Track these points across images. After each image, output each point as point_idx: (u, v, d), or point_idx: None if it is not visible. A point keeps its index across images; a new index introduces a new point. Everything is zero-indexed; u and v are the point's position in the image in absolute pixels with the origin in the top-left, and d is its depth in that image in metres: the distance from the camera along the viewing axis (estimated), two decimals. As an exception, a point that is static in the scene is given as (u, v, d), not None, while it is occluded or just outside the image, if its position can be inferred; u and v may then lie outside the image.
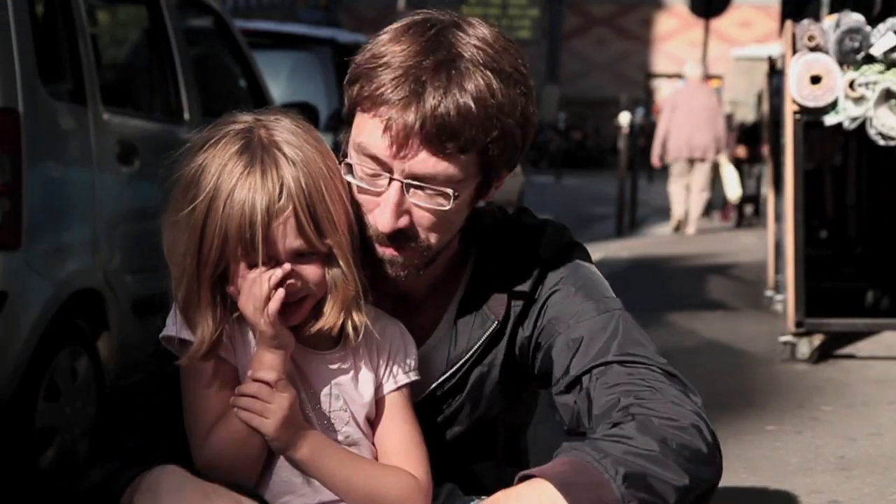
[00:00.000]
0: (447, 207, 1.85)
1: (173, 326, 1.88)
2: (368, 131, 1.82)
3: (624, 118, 14.57)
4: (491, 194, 1.94)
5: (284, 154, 1.79)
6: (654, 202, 17.50)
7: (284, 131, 1.82)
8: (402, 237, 1.86)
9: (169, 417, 1.90)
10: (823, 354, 5.90)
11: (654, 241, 13.26)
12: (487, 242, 2.00)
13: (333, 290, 1.83)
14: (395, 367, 1.92)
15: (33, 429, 4.07)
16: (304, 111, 1.92)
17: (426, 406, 1.99)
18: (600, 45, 35.55)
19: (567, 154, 28.70)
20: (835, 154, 8.88)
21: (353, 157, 1.86)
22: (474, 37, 1.84)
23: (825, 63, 5.63)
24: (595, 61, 35.22)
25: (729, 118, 16.87)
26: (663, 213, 16.21)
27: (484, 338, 1.98)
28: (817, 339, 5.90)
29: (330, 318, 1.83)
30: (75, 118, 4.47)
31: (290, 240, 1.78)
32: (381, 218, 1.84)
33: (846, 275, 8.10)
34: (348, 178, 1.86)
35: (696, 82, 13.72)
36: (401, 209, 1.84)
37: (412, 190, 1.83)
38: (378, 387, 1.91)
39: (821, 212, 9.16)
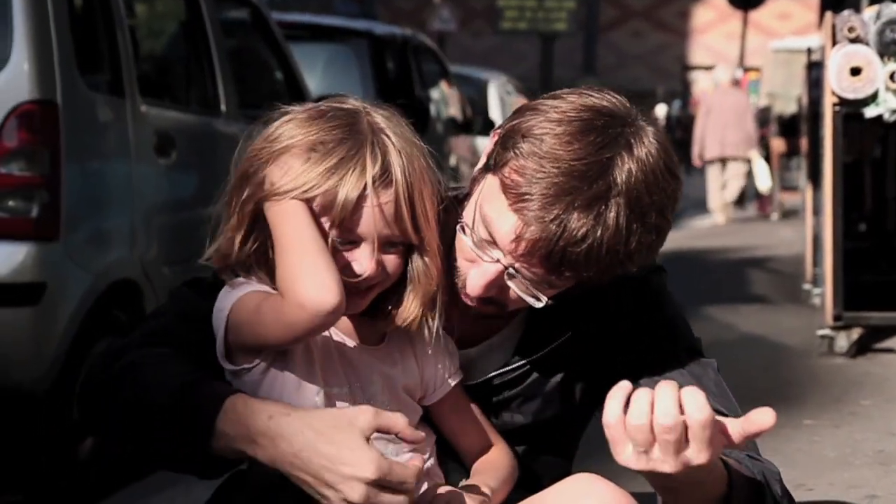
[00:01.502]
0: (538, 305, 1.86)
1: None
2: (498, 215, 1.79)
3: (660, 110, 14.55)
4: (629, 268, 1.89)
5: (392, 143, 1.78)
6: (691, 195, 17.40)
7: (391, 123, 1.82)
8: (488, 301, 1.87)
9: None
10: (862, 348, 5.86)
11: (690, 234, 13.21)
12: None
13: (416, 284, 1.82)
14: (442, 367, 1.92)
15: (72, 419, 4.10)
16: (408, 110, 1.92)
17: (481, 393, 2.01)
18: (637, 38, 35.40)
19: (604, 147, 28.59)
20: (874, 146, 8.81)
21: (471, 218, 1.84)
22: (638, 163, 1.77)
23: (865, 54, 5.58)
24: (632, 53, 35.07)
25: (766, 110, 16.81)
26: (700, 205, 16.13)
27: (550, 347, 1.99)
28: (855, 333, 5.86)
29: (411, 309, 1.82)
30: (113, 110, 4.49)
31: (384, 226, 1.76)
32: (473, 283, 1.85)
33: (885, 268, 8.03)
34: (461, 235, 1.85)
35: (726, 86, 15.16)
36: (495, 286, 1.85)
37: (513, 278, 1.83)
38: (427, 387, 1.91)
39: (860, 205, 9.09)
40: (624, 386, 1.57)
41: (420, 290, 1.82)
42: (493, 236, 1.81)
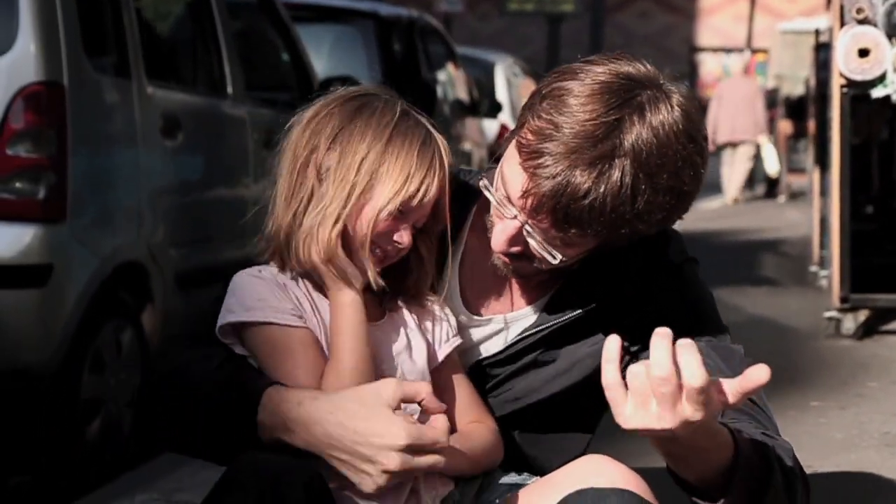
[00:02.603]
0: (555, 262, 1.89)
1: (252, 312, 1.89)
2: (512, 173, 1.86)
3: (668, 92, 14.54)
4: (641, 231, 1.91)
5: (436, 137, 1.90)
6: (697, 177, 17.38)
7: (426, 117, 1.92)
8: (515, 256, 1.93)
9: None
10: (868, 330, 5.86)
11: (697, 217, 13.21)
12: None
13: (425, 255, 1.93)
14: (442, 333, 1.97)
15: (79, 400, 4.11)
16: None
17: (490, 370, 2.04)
18: (644, 19, 35.29)
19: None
20: (882, 128, 8.79)
21: (497, 175, 1.92)
22: (649, 125, 1.78)
23: (873, 36, 5.56)
24: (638, 35, 34.96)
25: (774, 92, 16.83)
26: (708, 188, 16.12)
27: (560, 320, 2.00)
28: (862, 315, 5.85)
29: (421, 277, 1.93)
30: (120, 92, 4.49)
31: (429, 212, 1.89)
32: (496, 239, 1.91)
33: (892, 250, 8.02)
34: (488, 191, 1.93)
35: (738, 74, 16.48)
36: (514, 242, 1.90)
37: (529, 235, 1.88)
38: (431, 355, 1.95)
39: (867, 187, 9.07)
40: (616, 346, 1.58)
41: (427, 259, 1.93)
42: (510, 195, 1.86)
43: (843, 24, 5.65)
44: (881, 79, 5.60)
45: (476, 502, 1.96)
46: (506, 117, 11.95)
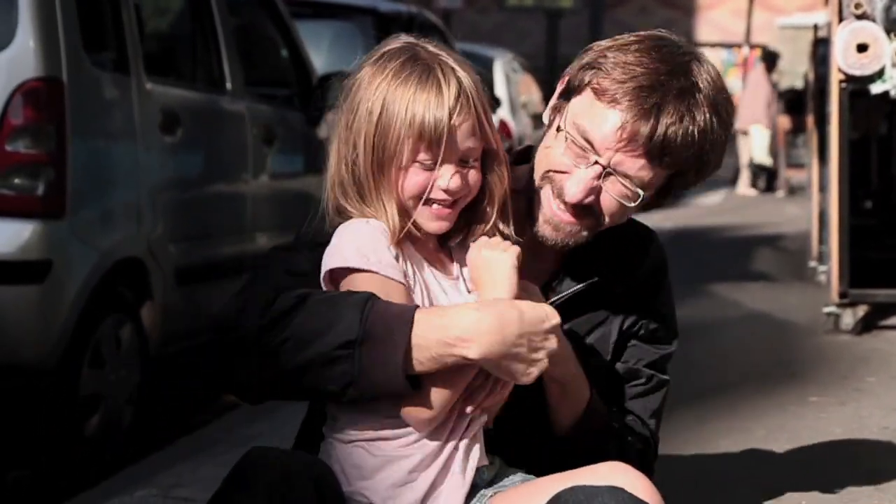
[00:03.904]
0: (631, 204, 2.08)
1: (348, 257, 1.91)
2: (596, 119, 2.03)
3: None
4: (651, 206, 2.17)
5: (452, 64, 1.95)
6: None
7: (440, 47, 1.98)
8: (582, 210, 2.06)
9: None
10: (867, 325, 5.86)
11: (696, 212, 13.21)
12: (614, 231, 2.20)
13: (491, 193, 1.98)
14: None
15: (78, 396, 4.11)
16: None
17: None
18: (643, 14, 35.24)
19: (609, 124, 28.56)
20: (881, 123, 8.79)
21: (569, 130, 2.05)
22: (707, 74, 2.06)
23: (872, 31, 5.56)
24: (638, 30, 34.95)
25: (774, 87, 16.90)
26: (706, 182, 16.09)
27: (568, 291, 2.17)
28: (861, 310, 5.85)
29: (490, 217, 1.99)
30: (119, 87, 4.49)
31: (466, 140, 1.93)
32: (572, 189, 2.05)
33: (891, 245, 8.02)
34: (556, 142, 2.07)
35: (760, 68, 16.70)
36: (593, 189, 2.05)
37: (609, 178, 2.05)
38: None
39: (866, 181, 9.07)
40: None
41: (495, 197, 1.99)
42: (592, 139, 2.02)
43: (841, 19, 5.65)
44: (880, 74, 5.59)
45: (488, 487, 1.99)
46: (504, 113, 11.94)
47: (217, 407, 4.83)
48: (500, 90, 12.86)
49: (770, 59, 16.20)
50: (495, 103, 11.33)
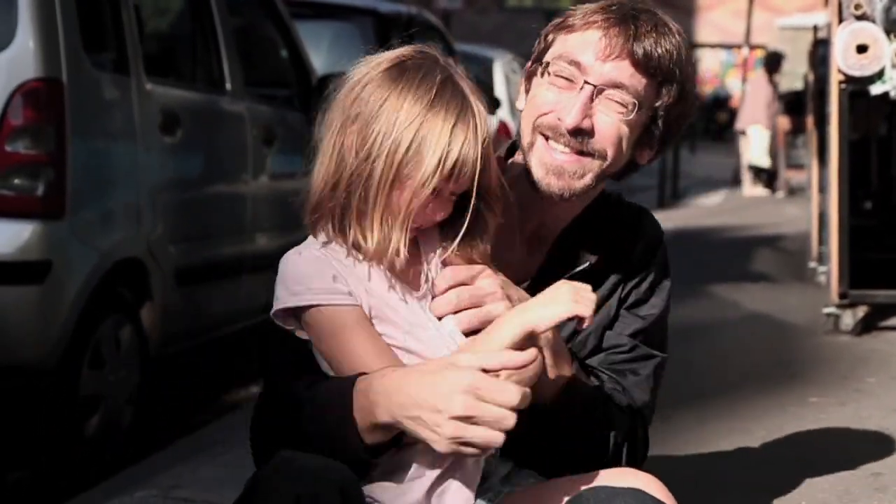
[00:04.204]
0: (627, 117, 2.10)
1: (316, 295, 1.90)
2: (578, 43, 2.11)
3: (666, 88, 14.65)
4: (645, 156, 2.20)
5: (481, 109, 1.93)
6: (696, 173, 17.39)
7: (468, 81, 1.96)
8: (581, 144, 2.09)
9: None
10: (867, 326, 5.86)
11: (696, 212, 13.21)
12: (602, 209, 2.26)
13: (485, 226, 1.98)
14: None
15: (78, 396, 4.11)
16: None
17: None
18: (643, 15, 35.27)
19: (609, 124, 28.55)
20: (880, 124, 8.78)
21: (551, 66, 2.12)
22: (669, 21, 2.16)
23: (872, 32, 5.56)
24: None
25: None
26: (706, 183, 16.14)
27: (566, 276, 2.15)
28: (861, 311, 5.85)
29: (480, 248, 1.98)
30: (119, 88, 4.49)
31: (467, 183, 1.91)
32: (568, 113, 2.08)
33: (891, 246, 8.02)
34: (539, 89, 2.12)
35: (760, 74, 16.74)
36: (587, 110, 2.09)
37: (600, 97, 2.09)
38: None
39: (866, 182, 9.06)
40: None
41: (489, 230, 1.97)
42: (578, 59, 2.09)
43: (841, 19, 5.65)
44: (879, 75, 5.59)
45: (503, 485, 2.00)
46: (504, 113, 11.94)
47: (217, 407, 4.83)
48: (500, 91, 12.86)
49: (774, 61, 16.20)
50: (495, 104, 11.35)
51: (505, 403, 1.75)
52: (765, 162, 15.98)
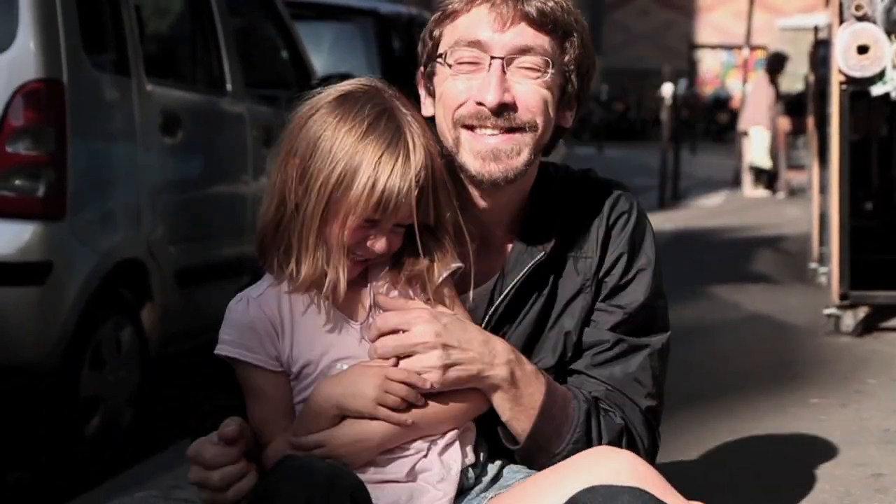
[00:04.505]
0: (544, 79, 2.05)
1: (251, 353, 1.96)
2: (469, 24, 2.05)
3: (667, 89, 14.54)
4: (567, 118, 2.14)
5: (417, 130, 1.93)
6: (696, 174, 17.39)
7: (409, 113, 1.95)
8: (508, 120, 2.04)
9: None
10: (868, 327, 5.85)
11: (697, 213, 13.21)
12: (554, 191, 2.18)
13: (431, 258, 1.96)
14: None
15: (78, 397, 4.11)
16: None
17: None
18: (643, 16, 35.27)
19: (609, 125, 28.53)
20: (881, 125, 8.78)
21: (450, 56, 2.06)
22: None
23: (873, 32, 5.55)
24: (638, 32, 34.96)
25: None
26: (706, 184, 16.13)
27: (529, 265, 2.11)
28: (862, 312, 5.85)
29: (427, 275, 1.97)
30: (119, 89, 4.48)
31: (409, 211, 1.90)
32: (487, 93, 2.02)
33: (891, 246, 8.02)
34: (444, 72, 2.06)
35: (762, 75, 16.49)
36: (504, 84, 2.03)
37: (512, 67, 2.04)
38: None
39: (866, 183, 9.06)
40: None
41: (434, 265, 1.96)
42: (477, 38, 2.04)
43: (842, 20, 5.65)
44: (880, 75, 5.58)
45: (491, 485, 1.99)
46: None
47: (217, 408, 4.82)
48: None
49: (777, 62, 16.19)
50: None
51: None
52: (766, 163, 15.95)
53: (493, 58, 2.03)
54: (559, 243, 2.13)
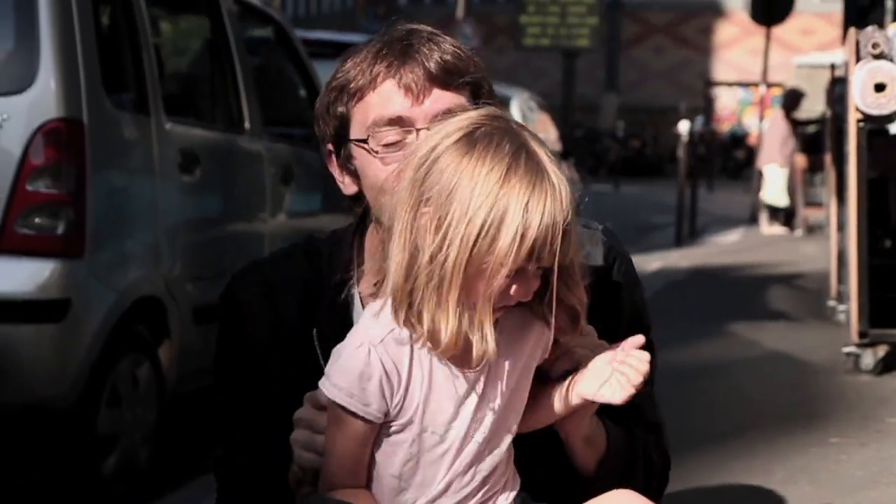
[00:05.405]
0: None
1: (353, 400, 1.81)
2: (380, 101, 1.99)
3: (683, 127, 14.57)
4: None
5: (558, 177, 1.75)
6: (713, 211, 17.37)
7: (540, 145, 1.79)
8: None
9: None
10: (888, 366, 5.83)
11: (714, 250, 13.18)
12: None
13: (551, 293, 1.79)
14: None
15: (96, 435, 4.11)
16: None
17: None
18: (659, 54, 35.37)
19: (626, 162, 28.57)
20: (899, 162, 8.76)
21: (372, 141, 1.98)
22: (421, 25, 2.05)
23: (889, 71, 5.56)
24: (654, 70, 35.04)
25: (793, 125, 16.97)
26: (723, 221, 16.09)
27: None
28: (881, 350, 5.82)
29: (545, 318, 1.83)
30: (138, 128, 4.51)
31: (552, 257, 1.74)
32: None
33: (911, 285, 7.98)
34: (369, 157, 1.98)
35: (777, 112, 16.54)
36: None
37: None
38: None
39: (885, 221, 9.03)
40: None
41: (554, 298, 1.78)
42: (395, 113, 1.97)
43: (858, 58, 5.65)
44: (898, 113, 5.59)
45: None
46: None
47: (234, 446, 4.81)
48: (518, 129, 12.87)
49: (793, 99, 16.20)
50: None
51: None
52: (781, 201, 15.90)
53: (418, 130, 1.95)
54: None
